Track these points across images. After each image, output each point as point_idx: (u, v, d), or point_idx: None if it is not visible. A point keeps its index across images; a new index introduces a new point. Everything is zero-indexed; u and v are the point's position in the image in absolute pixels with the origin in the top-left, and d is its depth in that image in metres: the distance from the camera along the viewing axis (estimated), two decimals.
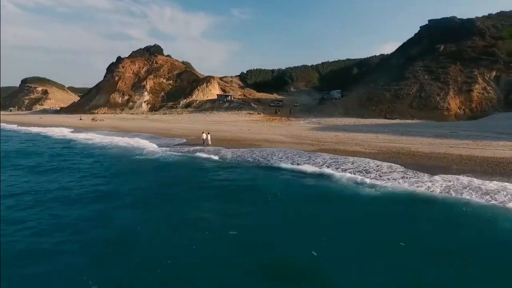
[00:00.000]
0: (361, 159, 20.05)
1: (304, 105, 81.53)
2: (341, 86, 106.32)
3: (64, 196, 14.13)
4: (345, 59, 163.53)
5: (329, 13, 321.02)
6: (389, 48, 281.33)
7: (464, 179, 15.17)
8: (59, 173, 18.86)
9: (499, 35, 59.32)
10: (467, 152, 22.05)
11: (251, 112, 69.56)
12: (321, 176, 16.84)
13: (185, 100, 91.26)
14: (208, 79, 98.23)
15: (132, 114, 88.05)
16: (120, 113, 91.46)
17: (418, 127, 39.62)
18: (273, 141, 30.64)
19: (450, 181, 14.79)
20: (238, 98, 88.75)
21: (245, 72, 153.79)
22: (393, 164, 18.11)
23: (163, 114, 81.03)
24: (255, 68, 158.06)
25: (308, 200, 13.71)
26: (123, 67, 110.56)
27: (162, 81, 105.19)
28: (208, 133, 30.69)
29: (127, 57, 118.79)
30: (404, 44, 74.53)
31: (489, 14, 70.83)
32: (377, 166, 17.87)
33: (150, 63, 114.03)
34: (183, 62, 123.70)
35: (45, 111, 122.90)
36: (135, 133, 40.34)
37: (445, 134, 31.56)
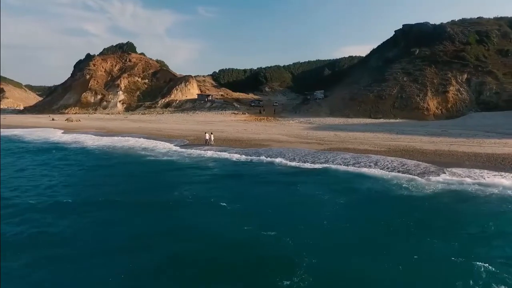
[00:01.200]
0: (382, 157, 20.99)
1: (283, 105, 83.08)
2: (315, 87, 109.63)
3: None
4: (315, 60, 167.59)
5: (295, 14, 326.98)
6: (354, 50, 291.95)
7: (487, 174, 16.51)
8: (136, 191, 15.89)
9: (466, 40, 64.10)
10: (469, 149, 23.84)
11: (235, 112, 69.46)
12: (368, 177, 16.75)
13: (163, 99, 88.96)
14: (186, 79, 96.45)
15: (108, 114, 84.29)
16: (94, 113, 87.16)
17: (406, 126, 41.96)
18: (278, 140, 31.00)
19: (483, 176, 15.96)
20: (217, 98, 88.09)
21: (217, 71, 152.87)
22: (420, 162, 19.05)
23: (142, 114, 78.45)
24: (227, 68, 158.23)
25: (402, 205, 13.14)
26: (94, 65, 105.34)
27: (137, 80, 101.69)
28: (211, 134, 30.56)
29: (97, 55, 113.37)
30: (380, 47, 78.18)
31: (452, 21, 76.21)
32: (403, 164, 18.75)
33: (123, 61, 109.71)
34: (157, 61, 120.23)
35: (3, 111, 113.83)
36: (127, 134, 38.74)
37: (437, 132, 33.78)
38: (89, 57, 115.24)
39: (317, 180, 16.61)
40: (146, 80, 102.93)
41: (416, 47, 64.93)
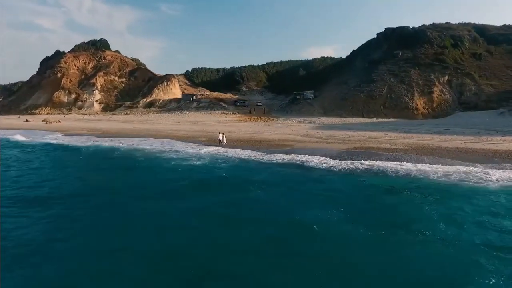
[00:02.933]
0: (436, 158, 20.93)
1: (265, 105, 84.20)
2: (291, 87, 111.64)
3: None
4: (287, 60, 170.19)
5: (263, 14, 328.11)
6: (320, 51, 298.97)
7: None
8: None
9: (443, 44, 68.36)
10: (484, 146, 25.45)
11: (225, 112, 68.73)
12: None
13: (144, 99, 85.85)
14: (168, 78, 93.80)
15: (85, 114, 79.82)
16: (69, 113, 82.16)
17: (404, 125, 43.94)
18: (295, 140, 31.06)
19: None
20: (203, 98, 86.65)
21: (190, 70, 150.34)
22: (460, 161, 19.94)
23: (124, 114, 75.14)
24: (200, 67, 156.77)
25: None
26: (65, 62, 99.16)
27: (114, 79, 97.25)
28: (223, 134, 30.15)
29: (68, 52, 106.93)
30: (362, 49, 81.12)
31: (422, 25, 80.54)
32: (452, 163, 19.44)
33: (97, 58, 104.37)
34: (132, 59, 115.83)
35: None
36: (134, 136, 36.62)
37: (440, 131, 35.71)
38: (58, 53, 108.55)
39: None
40: (124, 79, 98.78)
41: (399, 49, 68.17)
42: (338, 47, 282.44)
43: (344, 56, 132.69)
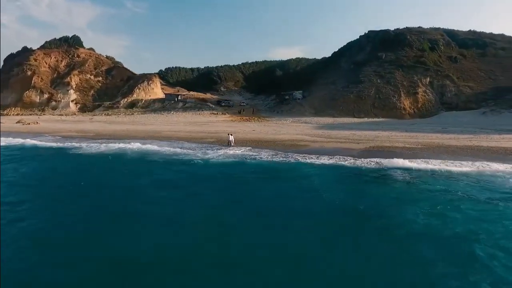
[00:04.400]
0: (439, 155, 22.60)
1: (248, 105, 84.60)
2: (270, 87, 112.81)
3: None
4: (263, 60, 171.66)
5: (231, 14, 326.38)
6: (286, 51, 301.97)
7: None
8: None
9: (422, 47, 71.99)
10: (491, 144, 27.16)
11: (214, 112, 67.73)
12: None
13: (125, 99, 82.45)
14: (149, 77, 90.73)
15: (61, 115, 75.11)
16: (43, 114, 76.95)
17: (398, 124, 45.81)
18: (307, 140, 31.26)
19: None
20: (188, 98, 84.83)
21: (163, 70, 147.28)
22: (482, 160, 21.07)
23: (106, 115, 71.64)
24: (174, 66, 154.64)
25: None
26: (35, 59, 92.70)
27: (90, 77, 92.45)
28: (231, 134, 29.98)
29: (38, 48, 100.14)
30: (344, 51, 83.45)
31: (396, 29, 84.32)
32: (472, 162, 20.41)
33: (70, 56, 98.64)
34: (107, 57, 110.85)
35: None
36: (135, 139, 34.50)
37: (439, 129, 37.59)
38: (26, 50, 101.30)
39: None
40: (100, 78, 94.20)
41: (382, 51, 70.86)
42: (306, 48, 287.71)
43: (313, 57, 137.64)
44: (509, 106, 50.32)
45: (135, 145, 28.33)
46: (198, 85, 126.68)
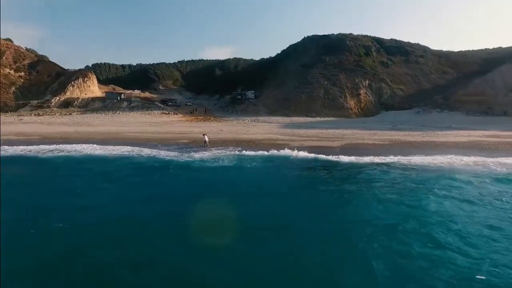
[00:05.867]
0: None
1: (193, 104, 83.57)
2: (212, 87, 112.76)
3: None
4: (199, 59, 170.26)
5: (158, 9, 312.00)
6: (218, 52, 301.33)
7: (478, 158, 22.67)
8: None
9: (358, 52, 78.96)
10: (441, 139, 31.52)
11: (166, 112, 64.53)
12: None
13: (57, 98, 73.37)
14: (84, 74, 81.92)
15: None
16: None
17: (350, 122, 49.70)
18: (283, 139, 32.20)
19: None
20: (133, 97, 79.35)
21: (90, 66, 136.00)
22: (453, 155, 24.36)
23: (36, 115, 62.73)
24: (102, 62, 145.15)
25: None
26: None
27: (9, 73, 79.96)
28: (205, 135, 29.83)
29: None
30: (289, 53, 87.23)
31: (331, 34, 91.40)
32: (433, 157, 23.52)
33: None
34: (27, 49, 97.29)
35: None
36: (84, 141, 30.98)
37: (389, 127, 41.93)
38: None
39: None
40: (22, 73, 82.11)
41: (326, 55, 75.79)
42: (237, 49, 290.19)
43: (250, 57, 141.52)
44: (435, 106, 58.47)
45: (111, 149, 25.84)
46: (133, 83, 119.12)
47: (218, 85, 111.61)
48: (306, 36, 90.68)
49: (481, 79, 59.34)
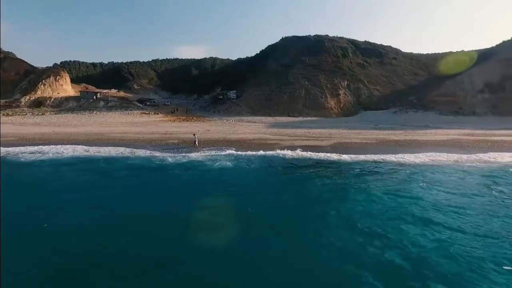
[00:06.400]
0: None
1: (171, 104, 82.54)
2: (188, 86, 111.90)
3: None
4: (174, 58, 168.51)
5: (128, 5, 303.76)
6: (191, 51, 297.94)
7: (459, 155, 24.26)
8: None
9: (336, 54, 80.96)
10: (421, 138, 33.21)
11: (146, 112, 62.84)
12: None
13: (27, 97, 69.43)
14: (56, 72, 78.07)
15: None
16: None
17: (333, 122, 50.99)
18: (273, 139, 32.55)
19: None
20: (110, 96, 76.65)
21: (58, 64, 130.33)
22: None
23: (5, 115, 59.02)
24: (72, 60, 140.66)
25: None
26: None
27: None
28: (195, 135, 30.01)
29: None
30: (269, 53, 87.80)
31: (308, 35, 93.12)
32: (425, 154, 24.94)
33: None
34: None
35: None
36: (68, 142, 29.95)
37: (372, 126, 43.41)
38: None
39: None
40: None
41: (305, 56, 77.05)
42: (212, 48, 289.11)
43: (226, 57, 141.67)
44: (411, 107, 61.25)
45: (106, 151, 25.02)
46: (106, 82, 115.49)
47: (195, 85, 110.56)
48: (284, 37, 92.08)
49: (452, 81, 62.83)
